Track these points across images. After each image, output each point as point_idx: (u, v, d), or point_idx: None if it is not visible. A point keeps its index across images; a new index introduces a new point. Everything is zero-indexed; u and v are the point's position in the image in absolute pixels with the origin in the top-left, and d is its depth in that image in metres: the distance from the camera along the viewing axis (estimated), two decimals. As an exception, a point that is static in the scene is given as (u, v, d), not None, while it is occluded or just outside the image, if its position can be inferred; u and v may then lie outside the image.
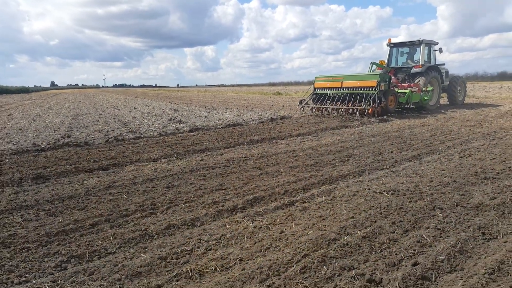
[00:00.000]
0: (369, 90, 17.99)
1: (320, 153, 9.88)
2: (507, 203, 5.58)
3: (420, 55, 21.39)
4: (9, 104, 38.93)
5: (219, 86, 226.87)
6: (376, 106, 17.44)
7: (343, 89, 19.13)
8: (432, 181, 6.88)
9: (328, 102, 19.95)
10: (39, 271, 4.13)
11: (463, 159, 8.64)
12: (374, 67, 21.68)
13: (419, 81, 20.77)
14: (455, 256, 4.08)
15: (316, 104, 20.35)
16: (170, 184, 7.30)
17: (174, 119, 18.61)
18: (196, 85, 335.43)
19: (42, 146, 11.41)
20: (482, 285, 3.46)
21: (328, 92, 20.01)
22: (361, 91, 18.36)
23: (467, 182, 6.80)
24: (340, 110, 18.77)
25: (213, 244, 4.68)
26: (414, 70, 21.27)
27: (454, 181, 6.86)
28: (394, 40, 22.95)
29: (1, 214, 5.94)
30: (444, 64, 23.15)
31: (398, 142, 11.07)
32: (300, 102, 21.89)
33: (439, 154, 9.37)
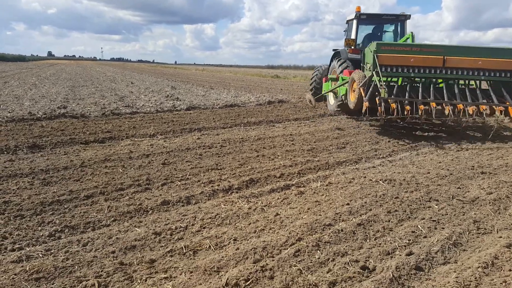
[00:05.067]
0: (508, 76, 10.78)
1: (317, 138, 9.87)
2: (503, 198, 5.59)
3: (404, 34, 14.54)
4: (5, 72, 38.57)
5: (217, 66, 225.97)
6: None
7: (446, 73, 10.87)
8: (429, 173, 6.88)
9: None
10: (33, 239, 4.12)
11: (460, 153, 8.64)
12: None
13: None
14: (449, 248, 4.08)
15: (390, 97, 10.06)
16: (166, 161, 7.28)
17: (171, 96, 18.51)
18: (194, 63, 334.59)
19: (38, 116, 11.33)
20: (475, 278, 3.46)
21: (411, 76, 11.04)
22: (491, 77, 10.85)
23: (463, 175, 6.80)
24: (464, 110, 9.92)
25: (207, 223, 4.67)
26: None
27: (451, 174, 6.86)
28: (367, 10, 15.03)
29: (-5, 180, 5.92)
30: None
31: (396, 132, 11.04)
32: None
33: (437, 146, 9.36)
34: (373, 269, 3.64)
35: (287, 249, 3.99)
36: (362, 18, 14.72)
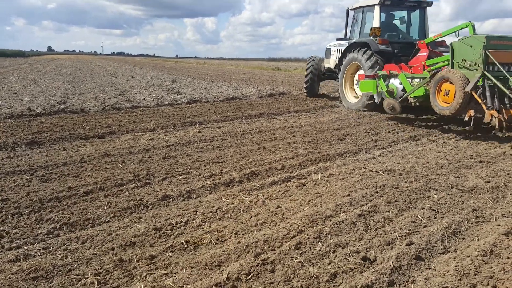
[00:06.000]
0: None
1: (318, 130, 9.86)
2: (501, 187, 5.63)
3: (425, 23, 13.58)
4: (4, 68, 38.53)
5: (218, 59, 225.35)
6: None
7: None
8: (428, 163, 6.89)
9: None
10: (31, 237, 4.10)
11: (459, 142, 8.63)
12: None
13: None
14: (448, 237, 4.09)
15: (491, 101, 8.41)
16: (166, 155, 7.27)
17: (172, 90, 18.51)
18: (195, 57, 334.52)
19: (37, 111, 11.30)
20: (474, 266, 3.47)
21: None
22: None
23: (462, 165, 6.82)
24: None
25: (208, 217, 4.67)
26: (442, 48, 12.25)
27: (450, 163, 6.87)
28: None
29: (-7, 177, 5.91)
30: None
31: (395, 123, 11.03)
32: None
33: (436, 136, 9.35)
34: (373, 259, 3.65)
35: (288, 241, 3.99)
36: (386, 4, 13.06)
